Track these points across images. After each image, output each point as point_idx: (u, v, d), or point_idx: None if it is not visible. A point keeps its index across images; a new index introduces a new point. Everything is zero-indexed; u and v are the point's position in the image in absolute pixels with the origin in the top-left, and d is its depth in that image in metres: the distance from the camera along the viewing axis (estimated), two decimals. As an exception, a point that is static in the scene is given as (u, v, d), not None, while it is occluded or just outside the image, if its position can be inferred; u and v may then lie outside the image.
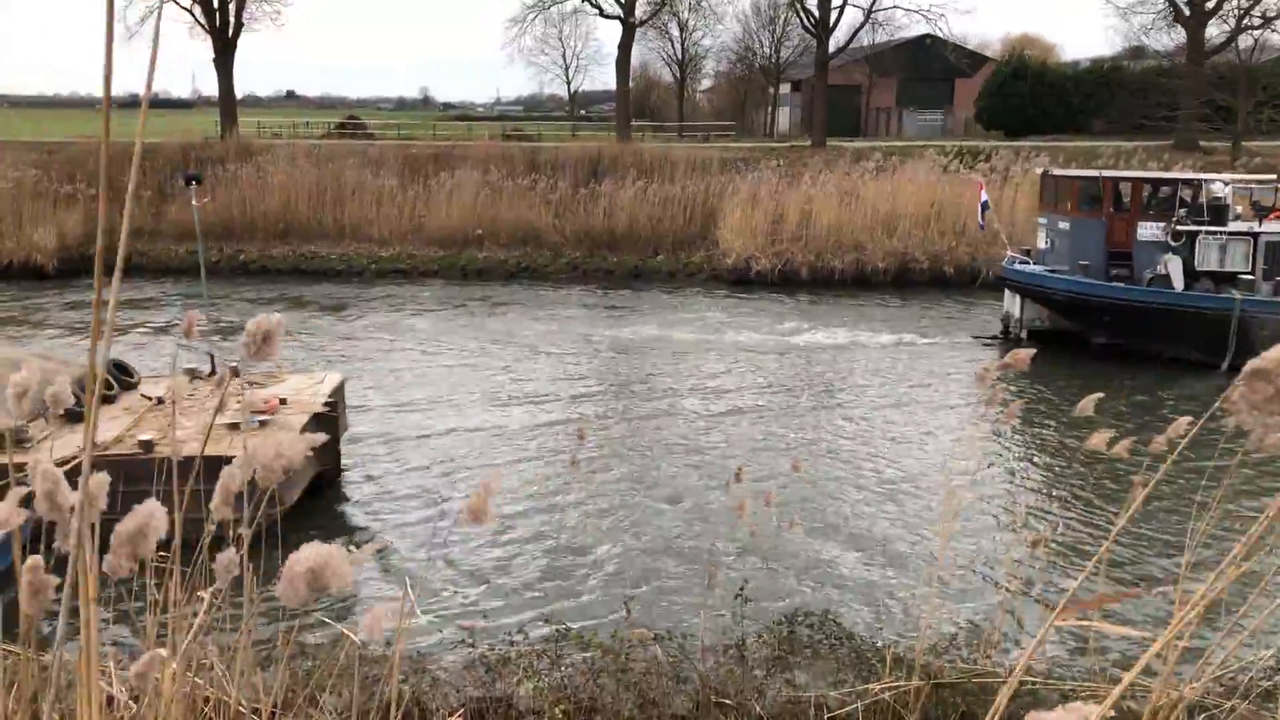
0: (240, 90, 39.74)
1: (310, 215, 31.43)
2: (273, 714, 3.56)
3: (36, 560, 2.01)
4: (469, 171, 32.08)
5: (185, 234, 31.05)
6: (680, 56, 69.78)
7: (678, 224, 30.97)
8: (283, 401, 11.72)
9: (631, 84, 47.43)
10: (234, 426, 10.94)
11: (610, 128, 49.88)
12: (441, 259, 29.78)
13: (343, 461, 12.93)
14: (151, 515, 1.99)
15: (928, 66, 61.74)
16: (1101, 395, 4.98)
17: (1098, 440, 4.74)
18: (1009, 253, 21.79)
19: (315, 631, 7.10)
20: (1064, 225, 20.76)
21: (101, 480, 2.07)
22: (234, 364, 13.29)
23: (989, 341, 21.49)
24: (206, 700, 3.81)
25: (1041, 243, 21.52)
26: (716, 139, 50.59)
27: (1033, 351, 4.18)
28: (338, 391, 12.70)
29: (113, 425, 11.16)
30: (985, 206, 22.59)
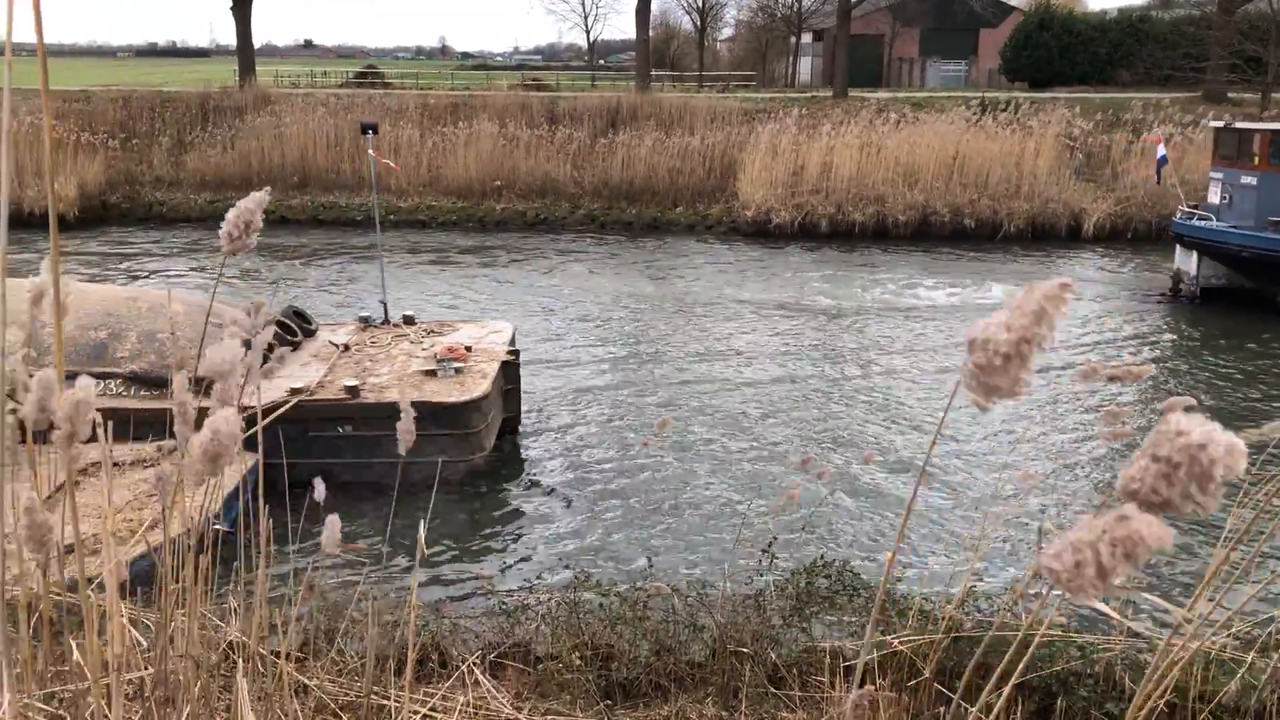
0: (258, 39, 39.61)
1: (328, 165, 31.37)
2: (290, 656, 3.60)
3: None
4: (487, 123, 31.88)
5: (204, 183, 31.12)
6: (700, 5, 68.78)
7: (697, 176, 30.74)
8: (468, 349, 11.72)
9: (651, 33, 46.88)
10: (430, 373, 11.10)
11: (629, 77, 49.40)
12: (460, 210, 29.69)
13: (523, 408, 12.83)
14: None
15: (952, 16, 60.80)
16: None
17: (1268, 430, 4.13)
18: (1181, 208, 21.15)
19: (335, 576, 7.17)
20: (1248, 180, 19.89)
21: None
22: (408, 313, 13.41)
23: (1161, 299, 20.75)
24: (230, 645, 3.85)
25: (1216, 197, 20.67)
26: (737, 89, 50.04)
27: (1151, 369, 3.88)
28: (512, 340, 12.71)
29: (306, 371, 11.25)
30: (1164, 161, 22.03)
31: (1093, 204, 27.38)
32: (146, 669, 3.03)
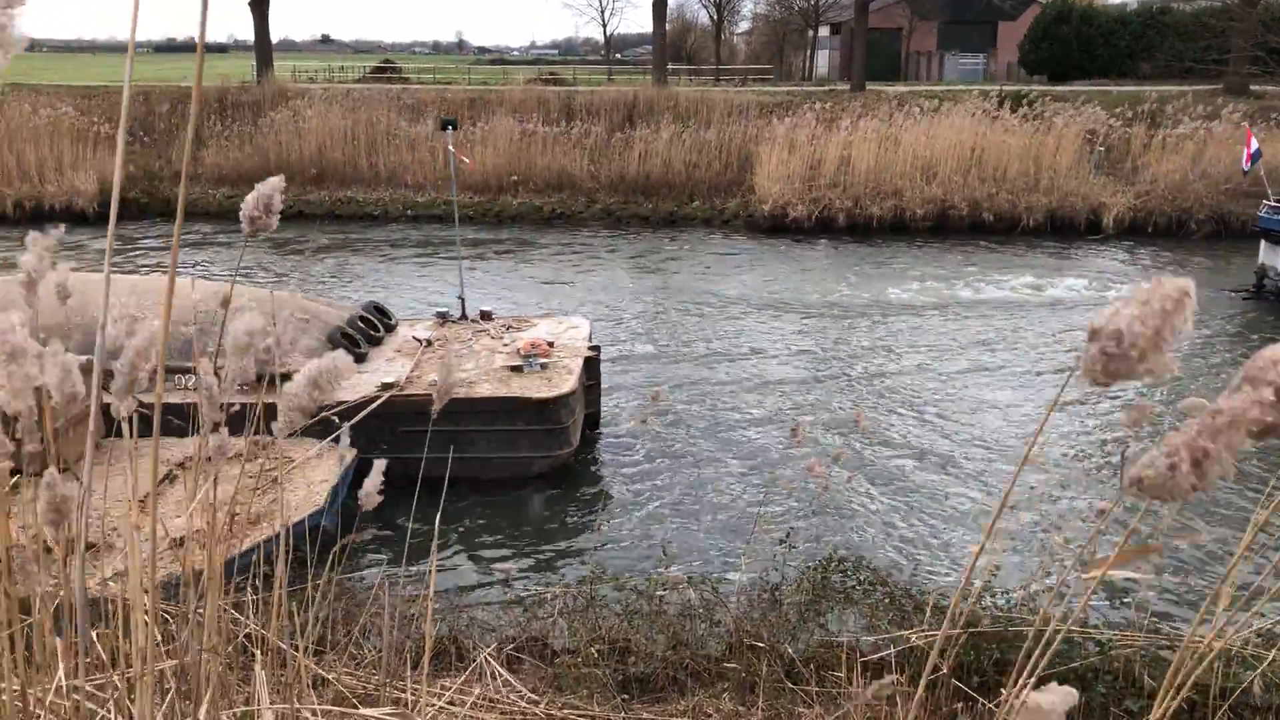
0: (275, 35, 39.72)
1: (345, 160, 31.45)
2: (309, 649, 3.61)
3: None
4: (503, 118, 31.90)
5: (222, 178, 31.25)
6: (717, -1, 68.67)
7: (713, 170, 30.67)
8: (550, 345, 11.76)
9: (668, 27, 46.79)
10: (515, 369, 11.14)
11: (646, 72, 49.34)
12: (476, 205, 29.72)
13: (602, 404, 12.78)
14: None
15: (970, 9, 60.47)
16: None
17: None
18: (1268, 202, 20.77)
19: (356, 571, 7.20)
20: None
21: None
22: (486, 309, 13.46)
23: (1248, 295, 20.13)
24: (247, 636, 3.87)
25: None
26: (754, 83, 49.92)
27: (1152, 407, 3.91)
28: (589, 335, 12.73)
29: (393, 366, 11.31)
30: (1258, 155, 21.67)
31: (1112, 198, 27.19)
32: (169, 662, 3.05)
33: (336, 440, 2.60)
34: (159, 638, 3.22)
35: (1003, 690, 4.74)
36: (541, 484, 10.82)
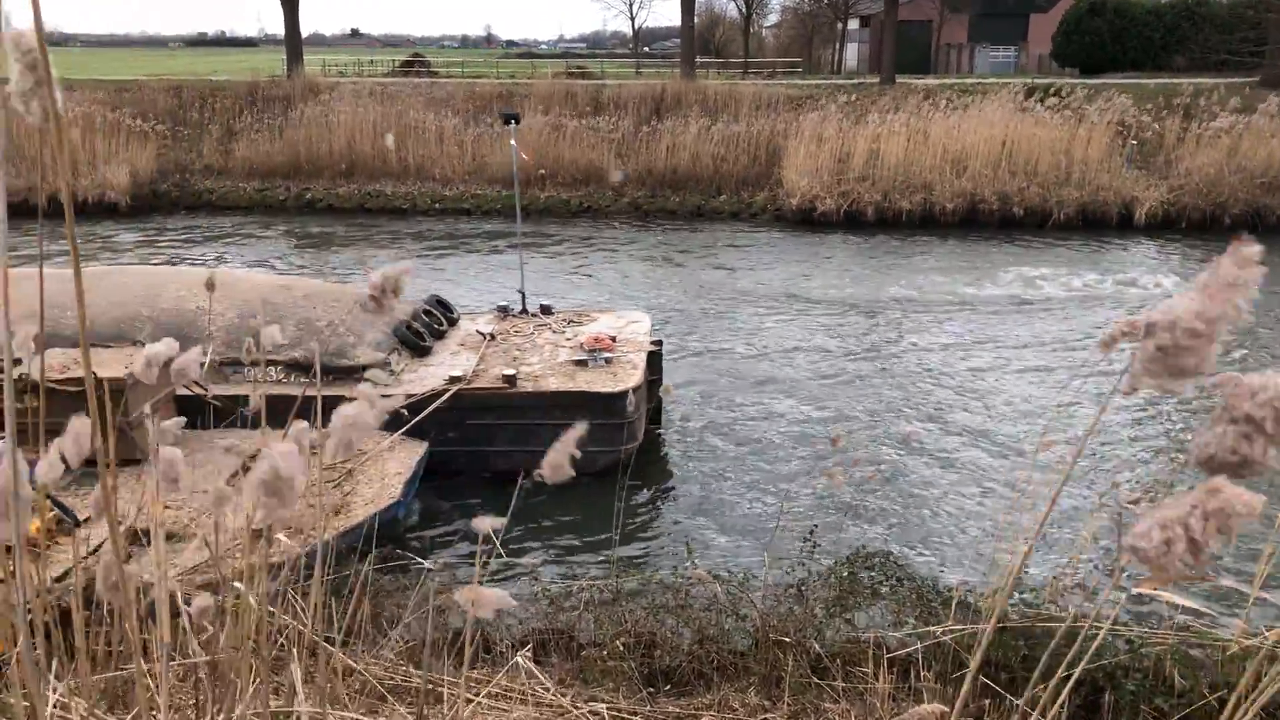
0: (305, 29, 39.90)
1: (374, 154, 31.60)
2: (345, 642, 3.65)
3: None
4: (532, 112, 31.97)
5: (252, 172, 31.49)
6: (746, -9, 68.41)
7: (741, 163, 30.60)
8: (613, 339, 11.75)
9: (696, 20, 46.63)
10: (580, 363, 11.17)
11: (674, 65, 49.24)
12: (504, 198, 29.80)
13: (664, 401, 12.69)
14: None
15: (1001, 1, 59.93)
16: None
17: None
18: None
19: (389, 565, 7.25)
20: None
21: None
22: (546, 303, 13.53)
23: None
24: (282, 629, 3.92)
25: None
26: (782, 76, 49.73)
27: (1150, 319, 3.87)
28: (650, 330, 12.73)
29: (458, 360, 11.37)
30: None
31: (1145, 192, 26.89)
32: (203, 655, 3.09)
33: (408, 433, 2.65)
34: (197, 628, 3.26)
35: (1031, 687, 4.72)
36: (603, 479, 10.77)
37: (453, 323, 12.69)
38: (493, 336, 12.10)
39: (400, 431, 9.58)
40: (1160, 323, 1.08)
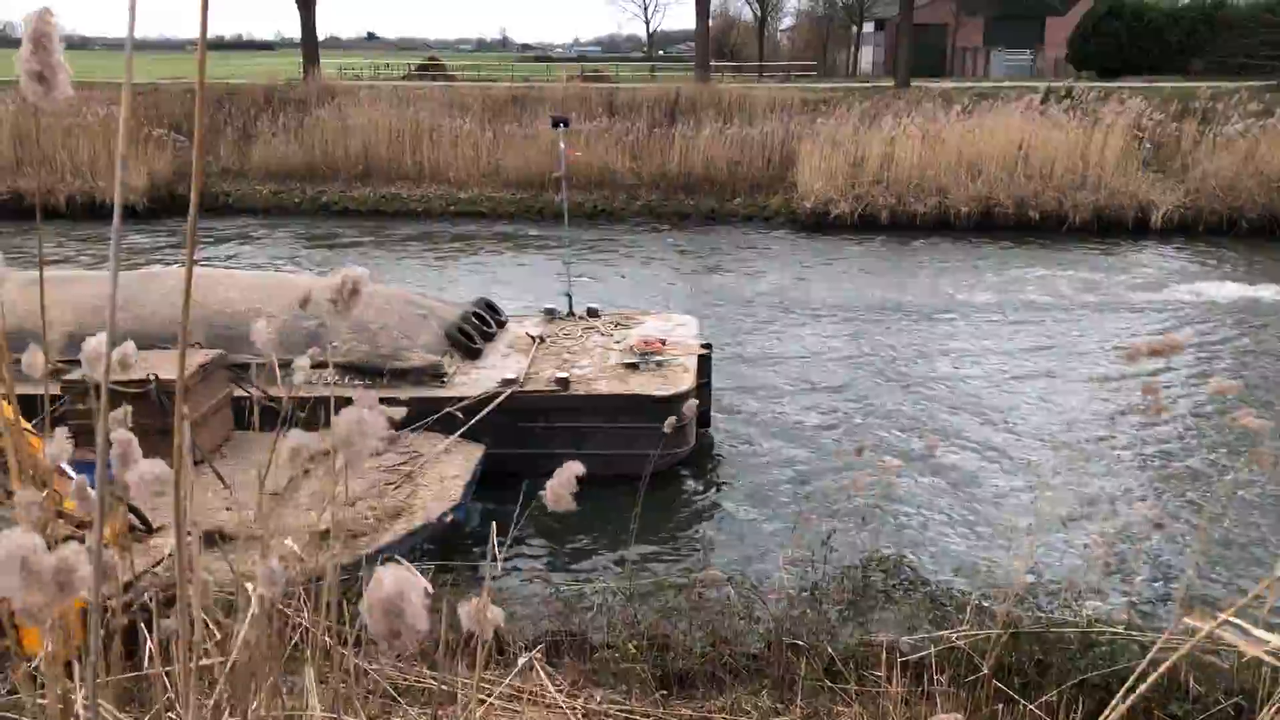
0: (322, 32, 40.15)
1: (390, 157, 31.70)
2: (356, 641, 3.67)
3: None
4: (547, 115, 32.02)
5: (270, 174, 31.64)
6: (761, -5, 68.42)
7: (756, 166, 30.57)
8: (662, 342, 11.73)
9: (711, 23, 46.67)
10: (631, 366, 11.14)
11: (689, 68, 49.26)
12: (518, 201, 29.86)
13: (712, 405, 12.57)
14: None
15: (1018, 3, 59.78)
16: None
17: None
18: None
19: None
20: None
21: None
22: (592, 305, 13.55)
23: None
24: (295, 626, 3.94)
25: None
26: (797, 79, 49.69)
27: (1187, 338, 3.85)
28: (699, 333, 12.70)
29: (508, 362, 11.37)
30: None
31: (1161, 196, 26.77)
32: (219, 657, 3.11)
33: (464, 436, 2.69)
34: (217, 634, 3.29)
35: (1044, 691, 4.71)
36: (653, 482, 10.66)
37: (501, 325, 12.65)
38: (542, 339, 12.06)
39: (457, 434, 9.57)
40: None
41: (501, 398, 10.22)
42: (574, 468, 2.29)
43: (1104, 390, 14.14)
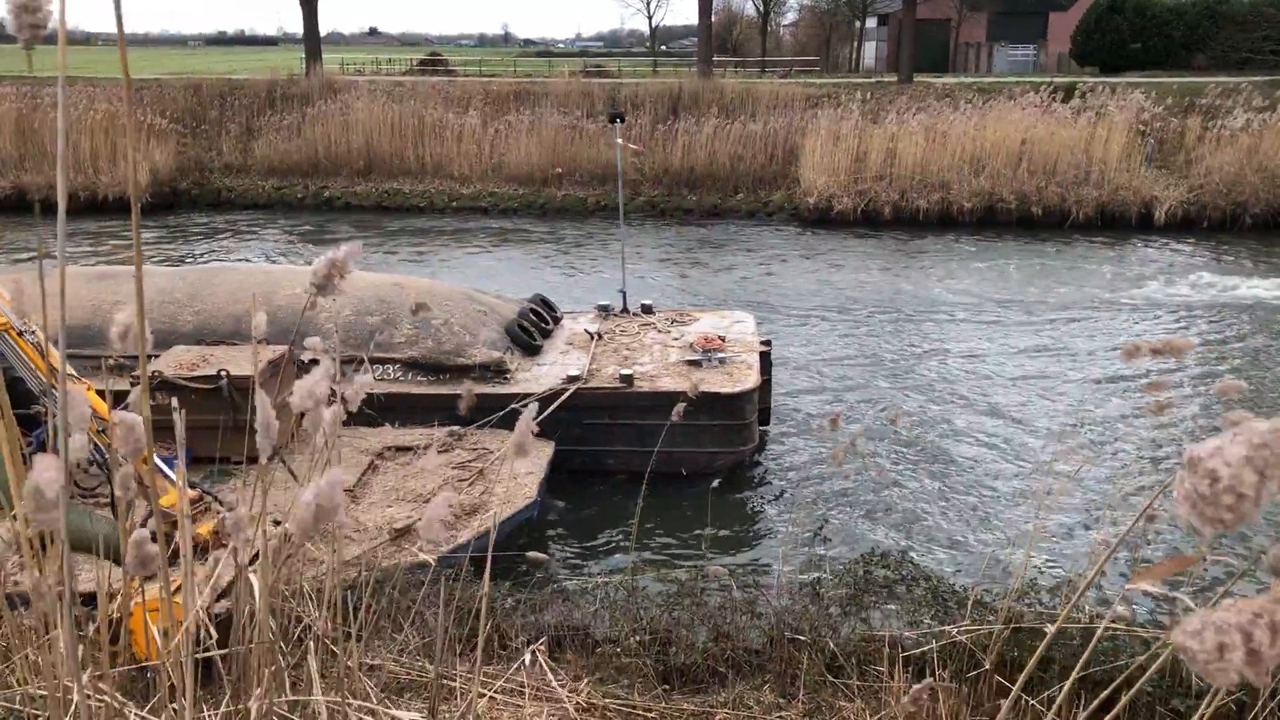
0: (324, 28, 40.02)
1: (392, 152, 31.69)
2: (359, 637, 3.68)
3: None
4: (549, 110, 32.00)
5: (271, 170, 31.64)
6: (764, -10, 68.31)
7: (758, 162, 30.54)
8: (722, 339, 11.69)
9: (713, 18, 46.59)
10: (694, 364, 11.13)
11: (691, 64, 49.20)
12: (521, 197, 29.85)
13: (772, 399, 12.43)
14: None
15: (1021, -1, 59.64)
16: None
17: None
18: None
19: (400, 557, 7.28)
20: None
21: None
22: (646, 302, 13.53)
23: None
24: (297, 620, 3.95)
25: None
26: (800, 75, 49.62)
27: (1193, 343, 3.85)
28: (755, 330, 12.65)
29: (568, 359, 11.38)
30: None
31: (1164, 191, 26.73)
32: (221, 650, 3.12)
33: (534, 432, 2.68)
34: (213, 634, 3.30)
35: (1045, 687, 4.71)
36: (719, 480, 10.51)
37: (556, 321, 12.66)
38: (599, 336, 12.03)
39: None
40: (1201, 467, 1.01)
41: (567, 394, 10.23)
42: (530, 416, 2.32)
43: (1107, 386, 14.14)
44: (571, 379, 10.47)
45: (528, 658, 4.65)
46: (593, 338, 11.94)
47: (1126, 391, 13.86)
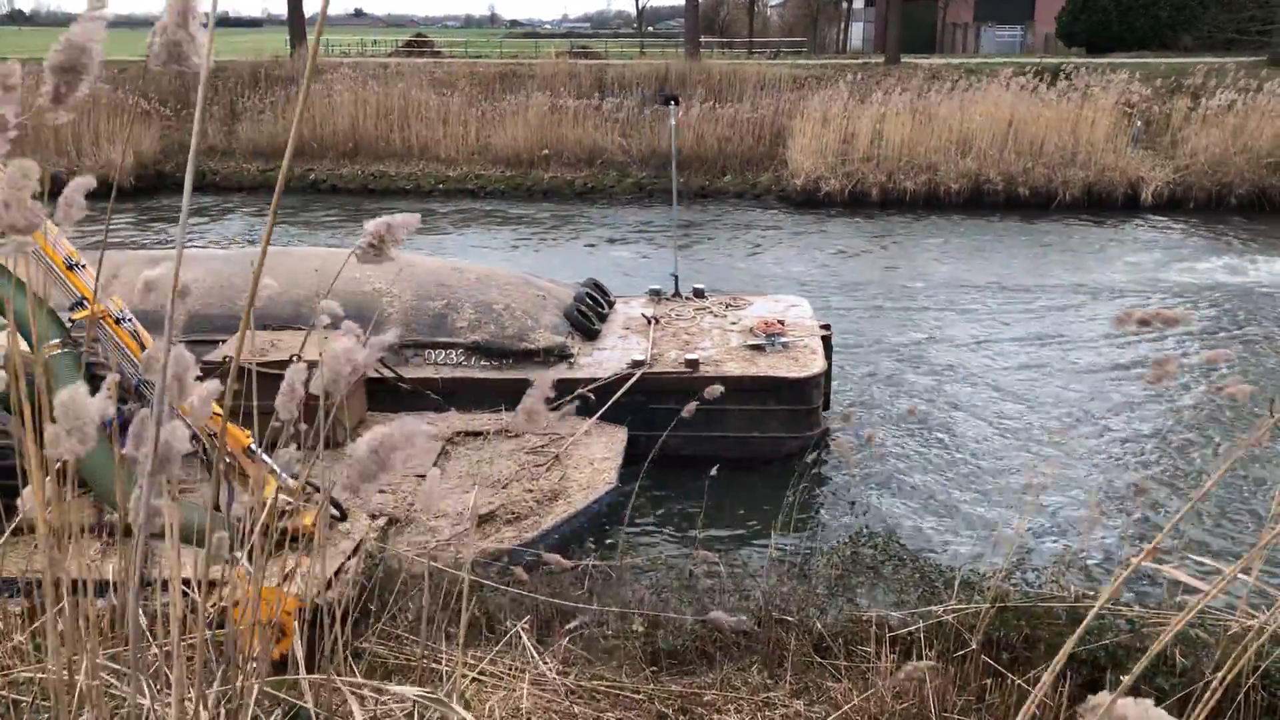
0: (308, 9, 39.45)
1: (378, 135, 31.52)
2: (345, 619, 3.67)
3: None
4: (535, 91, 31.85)
5: (257, 152, 31.42)
6: (751, -30, 68.00)
7: (746, 144, 30.49)
8: (781, 323, 11.57)
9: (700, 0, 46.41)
10: (756, 348, 11.00)
11: (678, 45, 49.00)
12: (508, 179, 29.74)
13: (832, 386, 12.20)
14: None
15: (1008, -21, 59.54)
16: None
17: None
18: None
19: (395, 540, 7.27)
20: None
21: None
22: (698, 285, 13.41)
23: None
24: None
25: None
26: (787, 56, 49.48)
27: (1192, 315, 3.85)
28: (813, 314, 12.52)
29: (628, 344, 11.25)
30: None
31: (1151, 172, 26.79)
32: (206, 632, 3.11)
33: (603, 417, 2.69)
34: (208, 612, 3.28)
35: (1031, 666, 4.74)
36: (784, 464, 10.31)
37: (610, 305, 12.55)
38: (656, 320, 11.93)
39: (596, 416, 9.61)
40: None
41: (634, 379, 10.19)
42: (545, 384, 2.27)
43: (1096, 368, 14.19)
44: (636, 364, 10.37)
45: (519, 639, 4.66)
46: (650, 322, 11.84)
47: (1116, 371, 13.92)
